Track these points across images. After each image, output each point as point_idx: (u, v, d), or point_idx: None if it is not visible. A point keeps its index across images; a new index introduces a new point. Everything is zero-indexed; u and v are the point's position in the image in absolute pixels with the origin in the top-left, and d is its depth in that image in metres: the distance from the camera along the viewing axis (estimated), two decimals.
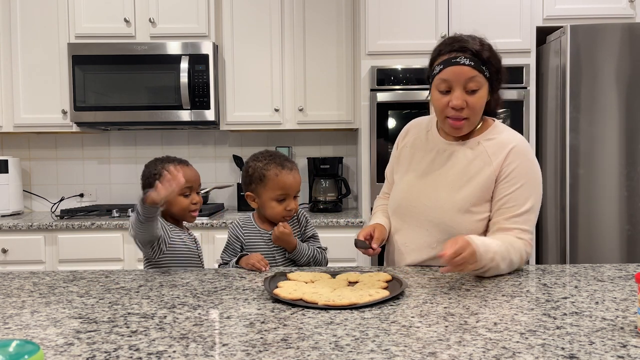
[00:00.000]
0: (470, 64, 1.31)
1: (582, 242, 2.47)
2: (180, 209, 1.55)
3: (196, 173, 1.59)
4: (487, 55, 1.34)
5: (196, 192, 1.57)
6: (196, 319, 0.98)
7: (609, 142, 2.45)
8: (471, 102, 1.33)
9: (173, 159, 1.59)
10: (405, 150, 1.55)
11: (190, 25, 2.94)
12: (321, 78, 3.01)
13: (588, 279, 1.29)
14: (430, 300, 1.09)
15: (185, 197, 1.55)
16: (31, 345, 0.66)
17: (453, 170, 1.41)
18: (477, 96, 1.33)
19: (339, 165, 3.13)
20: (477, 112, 1.36)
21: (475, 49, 1.33)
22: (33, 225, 2.68)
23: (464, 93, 1.33)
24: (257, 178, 1.53)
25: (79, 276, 1.38)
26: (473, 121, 1.38)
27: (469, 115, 1.35)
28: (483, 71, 1.33)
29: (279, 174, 1.50)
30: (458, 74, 1.32)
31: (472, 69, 1.31)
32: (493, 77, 1.36)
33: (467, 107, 1.33)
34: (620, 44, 2.44)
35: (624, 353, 0.79)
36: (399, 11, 2.69)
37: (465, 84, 1.32)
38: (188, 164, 1.59)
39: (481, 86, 1.33)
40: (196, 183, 1.57)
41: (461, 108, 1.33)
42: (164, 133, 3.34)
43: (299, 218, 1.63)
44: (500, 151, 1.37)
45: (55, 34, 2.95)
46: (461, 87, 1.32)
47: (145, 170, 1.59)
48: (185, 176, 1.51)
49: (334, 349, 0.82)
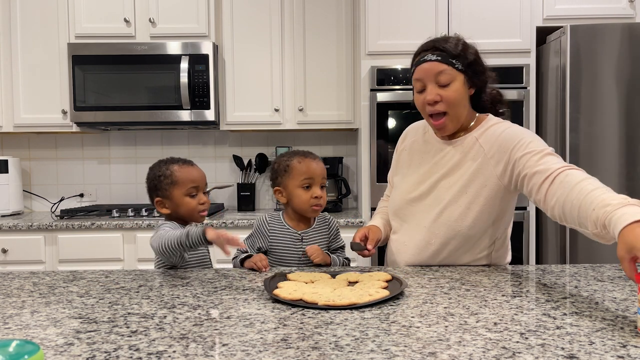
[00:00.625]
0: (438, 58, 1.34)
1: (582, 242, 2.47)
2: (187, 210, 1.52)
3: (202, 173, 1.57)
4: (456, 49, 1.35)
5: (203, 191, 1.56)
6: (196, 319, 0.98)
7: (609, 142, 2.45)
8: (445, 95, 1.35)
9: (177, 159, 1.57)
10: (404, 153, 1.57)
11: (190, 25, 2.94)
12: (321, 78, 3.01)
13: (588, 279, 1.29)
14: (430, 300, 1.09)
15: (192, 198, 1.53)
16: (31, 345, 0.66)
17: (450, 168, 1.42)
18: (450, 89, 1.35)
19: (339, 165, 3.13)
20: (454, 104, 1.36)
21: (442, 46, 1.36)
22: (33, 225, 2.68)
23: (436, 87, 1.35)
24: (282, 170, 1.56)
25: (79, 276, 1.38)
26: (453, 115, 1.37)
27: (445, 108, 1.36)
28: (453, 64, 1.34)
29: (302, 161, 1.54)
30: (427, 70, 1.35)
31: (440, 63, 1.34)
32: (469, 69, 1.36)
33: (442, 100, 1.35)
34: (620, 44, 2.44)
35: (624, 353, 0.79)
36: (399, 11, 2.69)
37: (435, 78, 1.35)
38: (193, 164, 1.58)
39: (453, 79, 1.35)
40: (202, 183, 1.55)
41: (435, 102, 1.36)
42: (164, 133, 3.34)
43: (329, 224, 1.64)
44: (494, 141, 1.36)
45: (55, 34, 2.95)
46: (433, 83, 1.36)
47: (150, 173, 1.57)
48: (191, 176, 1.51)
49: (334, 349, 0.82)
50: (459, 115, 1.39)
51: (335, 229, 1.65)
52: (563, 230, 2.49)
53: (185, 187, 1.50)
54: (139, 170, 3.34)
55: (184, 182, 1.50)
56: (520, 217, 2.62)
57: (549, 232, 2.63)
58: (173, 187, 1.50)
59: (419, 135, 1.54)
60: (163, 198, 1.53)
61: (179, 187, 1.50)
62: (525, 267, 1.45)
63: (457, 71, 1.35)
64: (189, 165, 1.56)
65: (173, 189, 1.50)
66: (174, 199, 1.51)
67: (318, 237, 1.58)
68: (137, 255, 2.71)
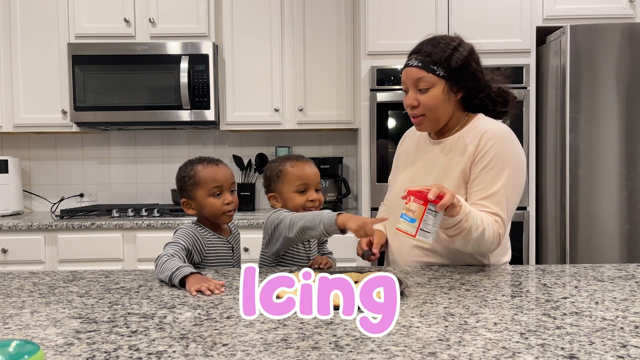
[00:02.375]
0: (418, 65, 1.38)
1: (582, 242, 2.47)
2: (212, 212, 1.47)
3: (227, 172, 1.51)
4: (442, 54, 1.36)
5: (229, 190, 1.50)
6: (196, 319, 0.98)
7: (609, 142, 2.45)
8: (422, 101, 1.38)
9: (204, 159, 1.52)
10: (401, 156, 1.60)
11: (190, 25, 2.94)
12: (321, 78, 3.01)
13: (588, 279, 1.29)
14: (430, 300, 1.09)
15: (217, 198, 1.47)
16: (31, 345, 0.66)
17: (437, 165, 1.44)
18: (428, 95, 1.37)
19: (338, 165, 3.13)
20: (430, 109, 1.39)
21: (426, 51, 1.38)
22: (33, 225, 2.68)
23: (416, 92, 1.39)
24: (275, 176, 1.54)
25: (79, 276, 1.38)
26: (431, 118, 1.40)
27: (423, 112, 1.40)
28: (434, 71, 1.36)
29: (294, 166, 1.52)
30: (408, 75, 1.40)
31: (420, 69, 1.37)
32: (452, 75, 1.37)
33: (420, 105, 1.39)
34: (620, 44, 2.44)
35: (624, 353, 0.79)
36: (399, 11, 2.69)
37: (415, 84, 1.39)
38: (218, 163, 1.52)
39: (432, 85, 1.37)
40: (227, 182, 1.48)
41: (413, 107, 1.39)
42: (164, 133, 3.33)
43: None
44: (476, 138, 1.39)
45: (55, 34, 2.95)
46: (413, 87, 1.40)
47: (177, 174, 1.52)
48: (214, 176, 1.46)
49: (334, 349, 0.82)
50: (438, 118, 1.41)
51: None
52: (563, 230, 2.49)
53: (207, 187, 1.46)
54: (138, 170, 3.34)
55: (207, 182, 1.46)
56: (520, 217, 2.62)
57: (549, 232, 2.63)
58: (196, 187, 1.46)
59: (415, 137, 1.57)
60: (188, 199, 1.49)
61: (202, 188, 1.46)
62: (525, 267, 1.45)
63: (437, 77, 1.36)
64: (214, 164, 1.50)
65: (196, 189, 1.46)
66: (197, 200, 1.47)
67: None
68: (137, 255, 2.71)
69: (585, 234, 2.47)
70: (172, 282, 1.24)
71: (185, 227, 1.47)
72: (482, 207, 1.33)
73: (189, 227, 1.47)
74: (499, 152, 1.35)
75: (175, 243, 1.40)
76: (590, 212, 2.46)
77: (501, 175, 1.34)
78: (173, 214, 2.83)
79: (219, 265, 1.50)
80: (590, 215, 2.46)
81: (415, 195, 1.20)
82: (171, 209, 2.87)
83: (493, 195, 1.33)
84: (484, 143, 1.36)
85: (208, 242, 1.47)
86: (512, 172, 1.35)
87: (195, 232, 1.46)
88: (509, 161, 1.35)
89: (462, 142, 1.41)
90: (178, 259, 1.31)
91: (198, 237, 1.45)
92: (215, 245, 1.49)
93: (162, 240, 1.54)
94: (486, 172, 1.35)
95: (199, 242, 1.45)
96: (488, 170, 1.35)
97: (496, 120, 1.45)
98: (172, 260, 1.29)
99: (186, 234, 1.44)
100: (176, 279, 1.22)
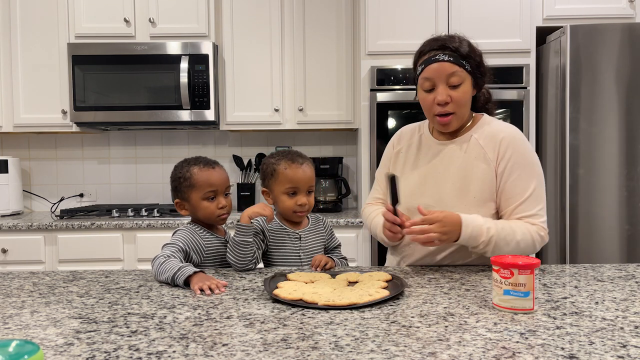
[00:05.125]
0: (450, 59, 1.35)
1: (582, 242, 2.47)
2: (205, 215, 1.47)
3: (223, 175, 1.50)
4: (466, 50, 1.37)
5: (224, 194, 1.49)
6: (196, 319, 0.98)
7: (609, 142, 2.45)
8: (455, 97, 1.37)
9: (201, 160, 1.50)
10: (401, 154, 1.56)
11: (190, 25, 2.94)
12: (321, 78, 3.01)
13: (588, 279, 1.29)
14: (430, 300, 1.09)
15: (211, 202, 1.46)
16: (31, 345, 0.66)
17: (452, 168, 1.42)
18: (460, 90, 1.37)
19: (338, 165, 3.13)
20: (462, 105, 1.39)
21: (453, 46, 1.37)
22: (33, 225, 2.68)
23: (447, 88, 1.37)
24: (269, 173, 1.54)
25: (78, 276, 1.38)
26: (460, 115, 1.40)
27: (454, 109, 1.38)
28: (464, 65, 1.36)
29: (287, 168, 1.51)
30: (439, 71, 1.36)
31: (452, 64, 1.35)
32: (475, 71, 1.39)
33: (452, 101, 1.37)
34: (620, 44, 2.44)
35: (624, 353, 0.79)
36: (399, 11, 2.69)
37: (447, 79, 1.36)
38: (214, 166, 1.50)
39: (463, 80, 1.37)
40: (222, 186, 1.48)
41: (446, 103, 1.37)
42: (164, 133, 3.34)
43: (324, 223, 1.65)
44: (492, 143, 1.40)
45: (55, 34, 2.95)
46: (444, 83, 1.37)
47: (173, 173, 1.51)
48: (209, 179, 1.46)
49: (334, 349, 0.82)
50: (464, 115, 1.42)
51: (330, 229, 1.65)
52: (563, 230, 2.49)
53: (202, 190, 1.45)
54: (138, 170, 3.34)
55: (202, 185, 1.45)
56: None
57: (549, 232, 2.63)
58: (191, 190, 1.46)
59: (415, 137, 1.55)
60: (182, 200, 1.49)
61: (196, 191, 1.45)
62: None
63: (466, 73, 1.37)
64: (210, 167, 1.49)
65: (191, 192, 1.46)
66: (192, 202, 1.47)
67: (316, 235, 1.58)
68: (137, 255, 2.71)
69: (585, 234, 2.47)
70: (174, 282, 1.24)
71: (183, 228, 1.47)
72: (520, 212, 1.36)
73: (186, 228, 1.47)
74: (522, 158, 1.38)
75: (172, 244, 1.40)
76: (590, 212, 2.46)
77: (531, 178, 1.37)
78: (173, 214, 2.83)
79: (219, 265, 1.50)
80: (590, 216, 2.46)
81: (512, 266, 1.00)
82: (171, 209, 2.87)
83: (528, 200, 1.36)
84: (504, 149, 1.38)
85: (207, 242, 1.47)
86: (537, 171, 1.39)
87: (193, 232, 1.46)
88: (531, 163, 1.39)
89: (475, 142, 1.41)
90: (175, 260, 1.31)
91: (197, 237, 1.45)
92: (214, 244, 1.50)
93: (161, 240, 1.55)
94: (517, 180, 1.37)
95: (198, 241, 1.45)
96: (518, 177, 1.37)
97: (502, 122, 1.47)
98: (170, 261, 1.29)
99: (184, 235, 1.44)
100: (180, 278, 1.22)
